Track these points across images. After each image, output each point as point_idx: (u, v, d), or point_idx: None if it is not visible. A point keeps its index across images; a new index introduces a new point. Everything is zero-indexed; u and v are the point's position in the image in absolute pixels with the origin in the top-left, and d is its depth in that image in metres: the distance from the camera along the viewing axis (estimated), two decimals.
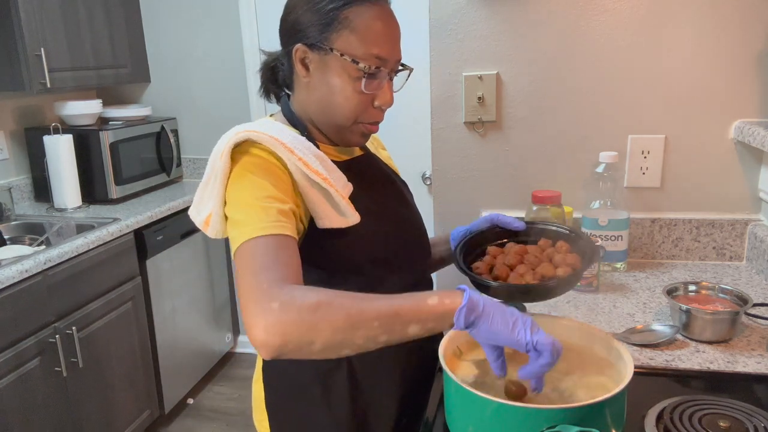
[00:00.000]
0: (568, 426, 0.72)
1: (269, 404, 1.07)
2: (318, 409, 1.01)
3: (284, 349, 0.73)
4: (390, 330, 0.75)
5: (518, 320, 0.77)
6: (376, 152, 1.17)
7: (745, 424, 0.86)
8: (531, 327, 0.76)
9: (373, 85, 0.94)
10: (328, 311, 0.73)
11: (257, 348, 0.74)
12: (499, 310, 0.77)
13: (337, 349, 0.75)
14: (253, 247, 0.81)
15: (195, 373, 2.90)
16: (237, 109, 3.02)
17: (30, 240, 2.34)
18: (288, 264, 0.80)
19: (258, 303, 0.74)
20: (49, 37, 2.39)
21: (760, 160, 1.54)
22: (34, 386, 1.92)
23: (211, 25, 2.95)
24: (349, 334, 0.74)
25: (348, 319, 0.74)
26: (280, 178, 0.90)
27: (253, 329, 0.73)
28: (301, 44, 0.94)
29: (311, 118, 1.00)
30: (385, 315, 0.75)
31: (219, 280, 3.09)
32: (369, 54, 0.92)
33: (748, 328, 1.20)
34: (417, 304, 0.77)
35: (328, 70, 0.94)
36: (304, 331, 0.72)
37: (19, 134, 2.66)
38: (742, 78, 1.50)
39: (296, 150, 0.92)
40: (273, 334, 0.72)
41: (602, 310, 1.32)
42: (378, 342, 0.76)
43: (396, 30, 0.96)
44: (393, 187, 1.11)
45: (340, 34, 0.91)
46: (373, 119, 0.98)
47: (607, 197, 1.51)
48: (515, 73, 1.62)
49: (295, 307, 0.73)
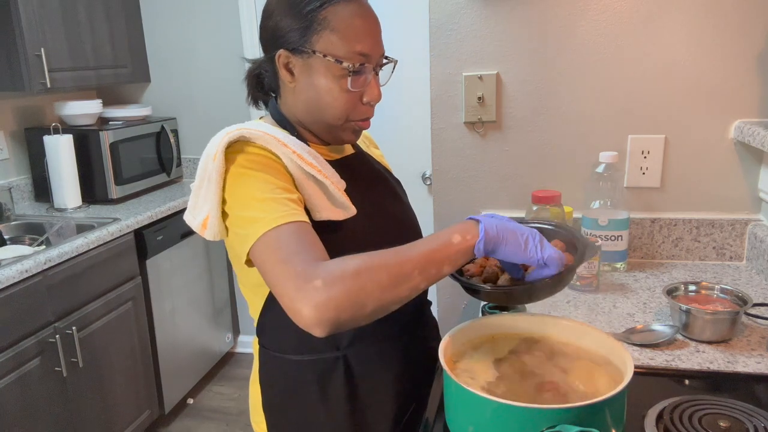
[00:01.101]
0: (568, 426, 0.72)
1: (266, 405, 1.07)
2: (315, 409, 1.01)
3: (340, 321, 0.75)
4: (428, 275, 0.79)
5: (529, 240, 0.81)
6: (368, 150, 1.18)
7: (745, 424, 0.86)
8: (540, 245, 0.81)
9: (360, 81, 0.94)
10: (370, 274, 0.75)
11: (310, 328, 0.75)
12: (511, 233, 0.81)
13: (386, 307, 0.78)
14: (275, 238, 0.81)
15: (195, 373, 2.90)
16: (237, 109, 3.01)
17: (30, 240, 2.34)
18: (314, 244, 0.82)
19: (299, 286, 0.75)
20: (49, 37, 2.39)
21: (760, 160, 1.54)
22: (34, 386, 1.92)
23: (211, 25, 2.95)
24: (395, 290, 0.77)
25: (390, 277, 0.76)
26: (280, 171, 0.91)
27: (302, 312, 0.74)
28: (284, 50, 0.94)
29: (300, 120, 1.01)
30: (421, 263, 0.78)
31: (219, 280, 3.09)
32: (352, 51, 0.92)
33: (748, 328, 1.20)
34: (445, 246, 0.80)
35: (312, 72, 0.94)
36: (354, 298, 0.74)
37: (19, 134, 2.66)
38: (742, 78, 1.50)
39: (290, 144, 0.92)
40: (325, 310, 0.73)
41: (602, 310, 1.32)
42: (419, 289, 0.79)
43: (376, 24, 0.96)
44: (385, 185, 1.11)
45: (321, 36, 0.91)
46: (363, 116, 0.98)
47: (607, 197, 1.51)
48: (515, 73, 1.62)
49: (338, 279, 0.74)
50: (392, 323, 0.99)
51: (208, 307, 2.98)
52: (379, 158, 1.20)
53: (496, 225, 0.81)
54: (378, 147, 1.25)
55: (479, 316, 1.07)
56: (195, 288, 2.86)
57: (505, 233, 0.81)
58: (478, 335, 0.98)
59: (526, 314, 1.05)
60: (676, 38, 1.51)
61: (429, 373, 1.11)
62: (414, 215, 1.14)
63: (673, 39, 1.51)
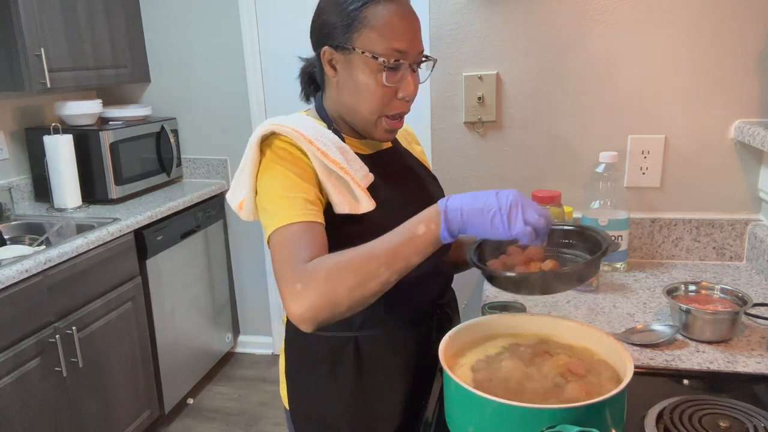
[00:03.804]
0: (568, 426, 0.72)
1: (287, 373, 1.15)
2: (326, 382, 1.08)
3: (319, 319, 0.83)
4: (395, 269, 0.83)
5: (495, 216, 0.81)
6: (408, 147, 1.22)
7: (745, 424, 0.86)
8: (508, 218, 0.80)
9: (396, 77, 0.98)
10: (338, 276, 0.82)
11: (297, 324, 0.84)
12: (477, 212, 0.82)
13: (361, 302, 0.84)
14: (281, 236, 0.90)
15: (195, 373, 2.90)
16: (237, 109, 3.02)
17: (30, 240, 2.34)
18: (310, 245, 0.89)
19: (286, 288, 0.85)
20: (49, 37, 2.39)
21: (760, 160, 1.54)
22: (34, 386, 1.92)
23: (211, 25, 2.95)
24: (363, 288, 0.83)
25: (357, 277, 0.82)
26: (303, 167, 0.97)
27: (289, 311, 0.84)
28: (328, 47, 1.00)
29: (342, 114, 1.06)
30: (388, 260, 0.83)
31: (219, 280, 3.09)
32: (389, 48, 0.96)
33: (748, 328, 1.20)
34: (410, 239, 0.83)
35: (352, 68, 0.99)
36: (327, 299, 0.82)
37: (19, 134, 2.66)
38: (742, 78, 1.50)
39: (317, 141, 0.98)
40: (305, 311, 0.82)
41: (602, 310, 1.32)
42: (391, 281, 0.84)
43: (415, 23, 1.00)
44: (416, 181, 1.15)
45: (361, 33, 0.97)
46: (398, 110, 1.02)
47: (607, 197, 1.51)
48: (515, 73, 1.62)
49: (312, 282, 0.83)
50: (404, 313, 1.06)
51: (208, 307, 2.98)
52: (419, 155, 1.24)
53: (461, 207, 0.82)
54: (420, 144, 1.29)
55: (479, 316, 1.07)
56: (195, 288, 2.86)
57: (469, 214, 0.82)
58: (478, 335, 0.99)
59: (526, 314, 1.05)
60: (676, 38, 1.51)
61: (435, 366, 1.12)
62: None
63: (673, 39, 1.51)
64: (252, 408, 2.83)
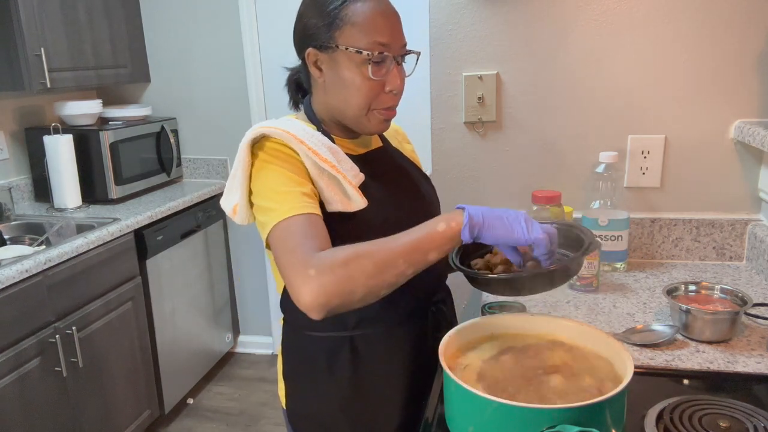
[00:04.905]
0: (568, 426, 0.72)
1: (285, 373, 1.16)
2: (323, 382, 1.09)
3: (330, 306, 0.82)
4: (413, 263, 0.85)
5: (514, 223, 0.85)
6: (399, 146, 1.23)
7: (745, 424, 0.87)
8: (527, 226, 0.85)
9: (381, 71, 0.99)
10: (357, 263, 0.83)
11: (308, 311, 0.83)
12: (497, 217, 0.86)
13: (375, 292, 0.84)
14: (284, 229, 0.90)
15: (195, 373, 2.90)
16: (237, 109, 3.02)
17: (30, 240, 2.34)
18: (316, 236, 0.89)
19: (297, 274, 0.84)
20: (49, 37, 2.39)
21: (760, 160, 1.54)
22: (34, 386, 1.92)
23: (211, 25, 2.95)
24: (380, 277, 0.83)
25: (376, 265, 0.83)
26: (296, 165, 0.98)
27: (299, 297, 0.83)
28: (312, 48, 1.01)
29: (332, 115, 1.07)
30: (406, 252, 0.84)
31: (219, 280, 3.09)
32: (372, 42, 0.97)
33: (748, 328, 1.20)
34: (430, 234, 0.85)
35: (337, 66, 1.00)
36: (343, 285, 0.82)
37: (19, 134, 2.66)
38: (742, 78, 1.50)
39: (307, 141, 0.99)
40: (317, 296, 0.81)
41: (602, 310, 1.32)
42: (407, 275, 0.85)
43: (394, 17, 1.01)
44: (407, 179, 1.15)
45: (343, 31, 0.98)
46: (387, 104, 1.03)
47: (607, 197, 1.51)
48: (515, 73, 1.62)
49: (328, 268, 0.82)
50: (398, 311, 1.06)
51: (208, 307, 2.98)
52: (410, 153, 1.25)
53: (482, 211, 0.86)
54: (410, 142, 1.30)
55: (479, 316, 1.07)
56: (195, 288, 2.86)
57: (490, 218, 0.85)
58: (478, 335, 0.99)
59: (526, 314, 1.05)
60: (676, 38, 1.51)
61: (434, 367, 1.12)
62: (435, 209, 1.18)
63: (673, 38, 1.51)
64: (252, 408, 2.83)
